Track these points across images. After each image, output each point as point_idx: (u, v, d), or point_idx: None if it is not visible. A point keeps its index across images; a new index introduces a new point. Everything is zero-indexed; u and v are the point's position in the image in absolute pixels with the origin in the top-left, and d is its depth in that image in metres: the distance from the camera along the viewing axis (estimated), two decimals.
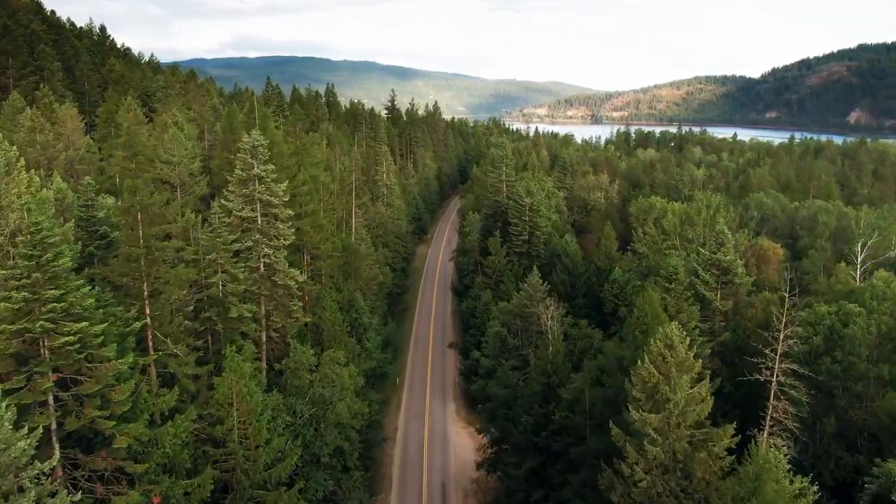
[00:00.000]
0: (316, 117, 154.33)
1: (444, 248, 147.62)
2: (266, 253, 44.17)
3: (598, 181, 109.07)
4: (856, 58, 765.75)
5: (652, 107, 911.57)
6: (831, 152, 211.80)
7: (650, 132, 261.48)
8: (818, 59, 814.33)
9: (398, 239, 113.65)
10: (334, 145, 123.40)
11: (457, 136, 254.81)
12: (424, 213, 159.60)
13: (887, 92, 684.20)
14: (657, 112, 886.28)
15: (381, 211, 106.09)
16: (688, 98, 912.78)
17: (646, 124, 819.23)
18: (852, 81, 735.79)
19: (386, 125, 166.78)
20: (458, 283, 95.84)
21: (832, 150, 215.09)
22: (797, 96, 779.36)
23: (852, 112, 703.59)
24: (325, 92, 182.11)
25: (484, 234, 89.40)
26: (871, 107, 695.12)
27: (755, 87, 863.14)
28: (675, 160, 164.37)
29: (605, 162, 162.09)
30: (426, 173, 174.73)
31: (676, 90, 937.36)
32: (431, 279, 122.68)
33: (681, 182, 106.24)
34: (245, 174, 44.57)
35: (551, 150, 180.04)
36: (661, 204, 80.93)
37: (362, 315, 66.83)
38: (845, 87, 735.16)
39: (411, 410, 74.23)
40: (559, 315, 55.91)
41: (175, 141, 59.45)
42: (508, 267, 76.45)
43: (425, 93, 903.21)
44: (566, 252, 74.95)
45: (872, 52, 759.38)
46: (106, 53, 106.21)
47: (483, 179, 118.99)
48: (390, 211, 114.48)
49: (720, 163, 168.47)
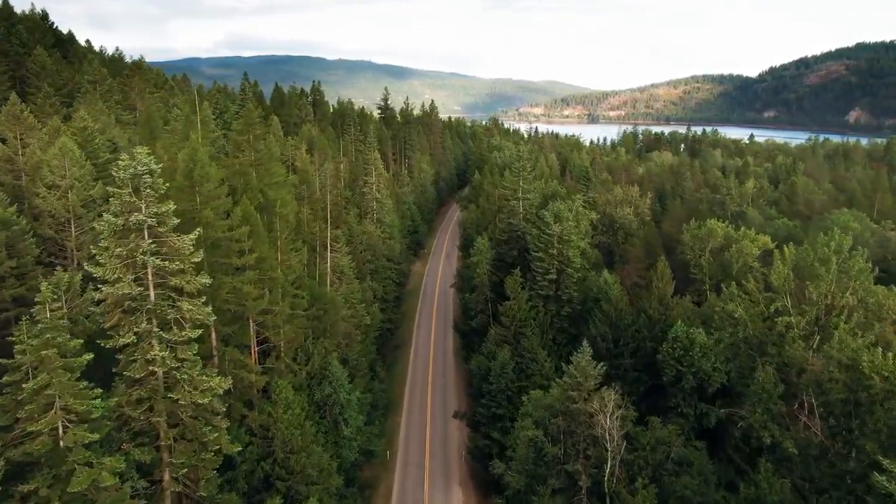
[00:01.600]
0: (299, 118, 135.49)
1: (444, 266, 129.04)
2: (156, 356, 25.62)
3: (626, 194, 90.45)
4: (854, 57, 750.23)
5: (649, 106, 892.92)
6: (858, 155, 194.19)
7: (659, 133, 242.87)
8: (816, 58, 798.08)
9: (390, 262, 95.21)
10: (318, 151, 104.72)
11: (454, 138, 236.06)
12: (421, 224, 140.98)
13: (887, 91, 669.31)
14: (654, 111, 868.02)
15: (369, 230, 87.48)
16: (685, 97, 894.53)
17: (643, 123, 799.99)
18: (851, 80, 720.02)
19: (378, 127, 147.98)
20: (463, 323, 77.26)
21: (859, 152, 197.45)
22: (795, 95, 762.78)
23: (851, 111, 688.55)
24: (311, 90, 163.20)
25: (496, 264, 70.89)
26: (871, 106, 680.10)
27: (753, 86, 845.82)
28: (699, 165, 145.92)
29: (623, 169, 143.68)
30: (422, 179, 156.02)
31: (674, 89, 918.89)
32: (429, 307, 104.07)
33: (728, 196, 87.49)
34: (122, 221, 26.01)
35: (560, 155, 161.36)
36: (724, 230, 62.53)
37: (339, 390, 48.35)
38: (844, 87, 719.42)
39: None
40: (621, 411, 37.60)
41: (66, 156, 40.76)
42: (532, 314, 58.00)
43: (421, 92, 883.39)
44: (607, 296, 56.58)
45: (871, 50, 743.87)
46: (41, 42, 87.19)
47: (490, 192, 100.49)
48: (381, 230, 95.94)
49: (748, 168, 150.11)
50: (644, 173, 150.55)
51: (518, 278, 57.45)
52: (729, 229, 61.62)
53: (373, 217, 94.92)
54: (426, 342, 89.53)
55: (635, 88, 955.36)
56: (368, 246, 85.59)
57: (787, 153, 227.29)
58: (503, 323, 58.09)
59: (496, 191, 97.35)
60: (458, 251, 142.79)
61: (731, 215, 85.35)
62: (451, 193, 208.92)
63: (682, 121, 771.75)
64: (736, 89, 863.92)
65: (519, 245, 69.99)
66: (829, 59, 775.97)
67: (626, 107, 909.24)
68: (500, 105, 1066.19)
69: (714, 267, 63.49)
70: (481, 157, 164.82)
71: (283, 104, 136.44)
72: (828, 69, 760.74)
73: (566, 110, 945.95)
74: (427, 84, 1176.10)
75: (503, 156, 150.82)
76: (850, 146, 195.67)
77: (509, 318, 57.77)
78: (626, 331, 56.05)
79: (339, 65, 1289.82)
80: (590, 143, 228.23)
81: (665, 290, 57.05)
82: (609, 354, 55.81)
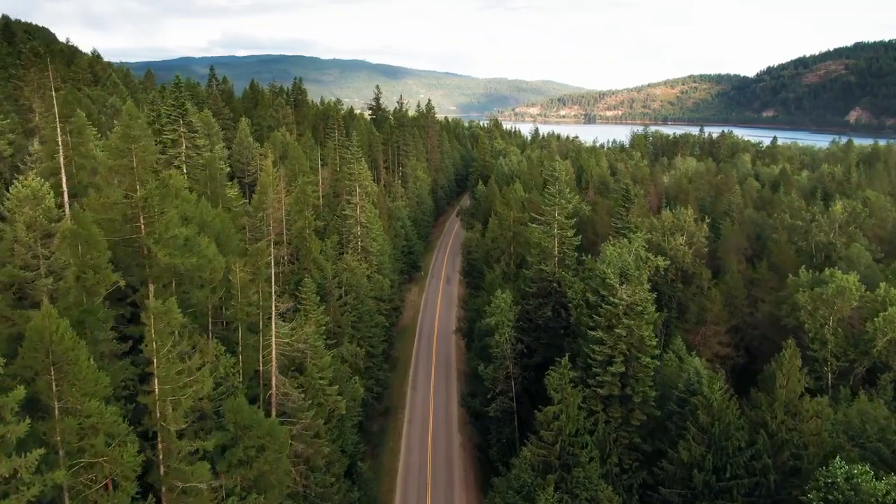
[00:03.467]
0: (275, 121, 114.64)
1: (443, 295, 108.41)
2: None
3: (677, 219, 69.81)
4: (853, 56, 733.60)
5: (646, 106, 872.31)
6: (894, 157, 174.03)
7: (675, 135, 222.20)
8: (814, 57, 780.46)
9: (378, 301, 74.66)
10: (288, 163, 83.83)
11: (452, 140, 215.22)
12: (416, 242, 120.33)
13: (887, 90, 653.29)
14: (651, 111, 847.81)
15: (351, 266, 66.71)
16: (682, 97, 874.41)
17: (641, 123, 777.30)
18: (850, 80, 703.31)
19: (367, 130, 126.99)
20: (475, 401, 56.54)
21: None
22: (794, 95, 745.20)
23: (852, 111, 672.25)
24: (292, 88, 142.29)
25: (522, 327, 50.30)
26: (871, 105, 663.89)
27: (750, 85, 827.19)
28: (736, 175, 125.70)
29: (650, 180, 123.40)
30: (418, 190, 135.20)
31: (670, 89, 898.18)
32: (426, 355, 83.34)
33: (814, 224, 66.03)
34: None
35: (575, 162, 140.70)
36: (857, 287, 42.12)
37: None
38: (844, 86, 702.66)
39: None
40: None
41: None
42: (587, 425, 37.57)
43: (416, 91, 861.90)
44: (704, 401, 36.27)
45: (870, 50, 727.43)
46: None
47: (503, 214, 79.91)
48: (367, 262, 75.27)
49: (793, 177, 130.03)
50: (671, 183, 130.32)
51: (566, 372, 36.75)
52: (867, 292, 41.27)
53: (356, 246, 74.23)
54: (423, 409, 68.98)
55: (632, 88, 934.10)
56: (350, 287, 64.99)
57: (813, 156, 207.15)
58: (543, 438, 37.46)
59: (510, 213, 76.98)
60: (458, 274, 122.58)
61: (815, 248, 64.82)
62: (450, 201, 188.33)
63: (679, 121, 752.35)
64: (733, 89, 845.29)
65: (554, 300, 49.46)
66: (828, 59, 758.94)
67: (622, 106, 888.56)
68: (495, 105, 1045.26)
69: (840, 341, 43.07)
70: (484, 164, 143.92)
71: (257, 104, 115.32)
72: (826, 69, 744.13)
73: (562, 110, 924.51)
74: (422, 83, 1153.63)
75: (510, 163, 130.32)
76: (885, 149, 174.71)
77: (552, 432, 37.17)
78: (735, 456, 35.69)
79: (333, 64, 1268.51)
80: (600, 146, 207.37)
81: (795, 391, 36.67)
82: (710, 492, 35.54)
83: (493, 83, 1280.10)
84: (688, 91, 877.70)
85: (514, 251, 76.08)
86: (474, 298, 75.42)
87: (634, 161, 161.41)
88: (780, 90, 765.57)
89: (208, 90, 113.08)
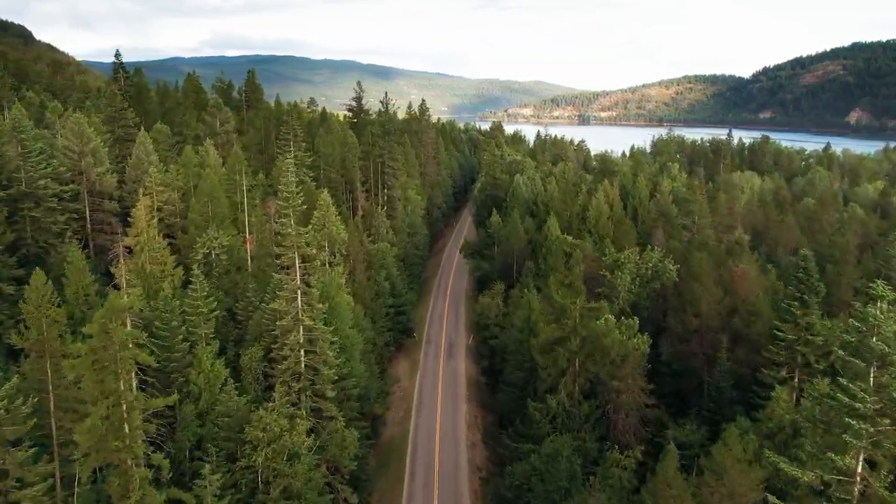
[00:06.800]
0: (204, 131, 79.43)
1: (445, 377, 73.44)
2: None
3: None
4: (850, 56, 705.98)
5: (641, 106, 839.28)
6: None
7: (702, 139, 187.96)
8: (811, 57, 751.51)
9: (356, 414, 40.30)
10: (204, 200, 49.12)
11: (450, 146, 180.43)
12: (407, 294, 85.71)
13: (888, 91, 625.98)
14: (646, 112, 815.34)
15: (274, 429, 32.10)
16: (677, 98, 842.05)
17: (636, 125, 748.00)
18: (849, 80, 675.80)
19: (342, 140, 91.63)
20: None
21: None
22: (792, 96, 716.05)
23: (852, 112, 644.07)
24: (244, 84, 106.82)
25: None
26: (872, 106, 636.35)
27: (747, 86, 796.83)
28: (835, 204, 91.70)
29: (724, 208, 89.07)
30: (410, 217, 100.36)
31: (665, 90, 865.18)
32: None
33: None
34: None
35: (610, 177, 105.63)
36: None
37: None
38: (843, 87, 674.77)
39: None
40: None
41: None
42: None
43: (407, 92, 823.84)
44: None
45: (867, 50, 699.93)
46: None
47: (562, 304, 45.12)
48: (327, 367, 40.58)
49: (891, 201, 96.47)
50: (744, 211, 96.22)
51: None
52: None
53: (296, 371, 39.28)
54: None
55: (626, 89, 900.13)
56: (276, 475, 30.56)
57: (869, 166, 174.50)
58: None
59: (575, 304, 42.27)
60: (464, 333, 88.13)
61: None
62: (448, 222, 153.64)
63: (675, 121, 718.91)
64: (729, 89, 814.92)
65: None
66: (825, 59, 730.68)
67: (617, 107, 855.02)
68: (487, 106, 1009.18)
69: None
70: (495, 182, 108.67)
71: (171, 109, 79.65)
72: (824, 69, 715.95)
73: (556, 111, 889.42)
74: (413, 84, 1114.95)
75: (533, 183, 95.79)
76: None
77: None
78: None
79: (324, 64, 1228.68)
80: (621, 154, 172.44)
81: None
82: None
83: (485, 84, 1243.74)
84: (683, 92, 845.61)
85: (582, 367, 41.48)
86: (511, 455, 40.84)
87: (672, 176, 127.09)
88: (778, 91, 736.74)
89: (108, 86, 77.69)
